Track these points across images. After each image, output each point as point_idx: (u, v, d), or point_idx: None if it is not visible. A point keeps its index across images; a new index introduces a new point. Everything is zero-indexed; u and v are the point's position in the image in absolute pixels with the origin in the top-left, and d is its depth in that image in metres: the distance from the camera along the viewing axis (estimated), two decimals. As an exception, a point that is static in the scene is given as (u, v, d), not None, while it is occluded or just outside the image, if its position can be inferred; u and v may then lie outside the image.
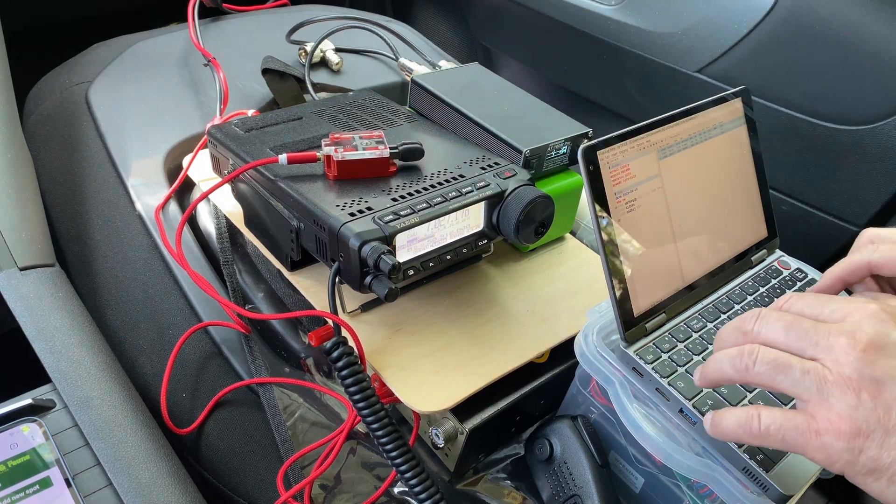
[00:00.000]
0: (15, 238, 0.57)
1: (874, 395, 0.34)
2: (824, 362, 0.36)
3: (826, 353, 0.36)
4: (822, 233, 0.89)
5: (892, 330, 0.36)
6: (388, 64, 0.94)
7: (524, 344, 0.57)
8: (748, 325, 0.40)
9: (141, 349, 0.64)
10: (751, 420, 0.37)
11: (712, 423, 0.40)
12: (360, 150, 0.55)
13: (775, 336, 0.38)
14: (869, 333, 0.35)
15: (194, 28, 0.84)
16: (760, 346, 0.38)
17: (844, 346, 0.35)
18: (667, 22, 0.99)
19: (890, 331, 0.36)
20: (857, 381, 0.35)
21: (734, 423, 0.38)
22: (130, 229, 0.68)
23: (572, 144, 0.62)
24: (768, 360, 0.37)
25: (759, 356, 0.37)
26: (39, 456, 0.45)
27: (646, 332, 0.51)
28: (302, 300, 0.61)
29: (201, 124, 0.75)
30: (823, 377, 0.35)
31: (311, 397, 0.61)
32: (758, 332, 0.39)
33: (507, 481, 0.58)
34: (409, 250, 0.52)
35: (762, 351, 0.38)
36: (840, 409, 0.34)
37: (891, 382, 0.34)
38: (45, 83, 0.83)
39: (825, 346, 0.36)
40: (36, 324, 0.52)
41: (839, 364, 0.35)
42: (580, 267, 0.67)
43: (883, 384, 0.34)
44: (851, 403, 0.34)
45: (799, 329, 0.37)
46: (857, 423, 0.34)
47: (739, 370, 0.38)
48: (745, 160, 0.60)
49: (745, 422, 0.38)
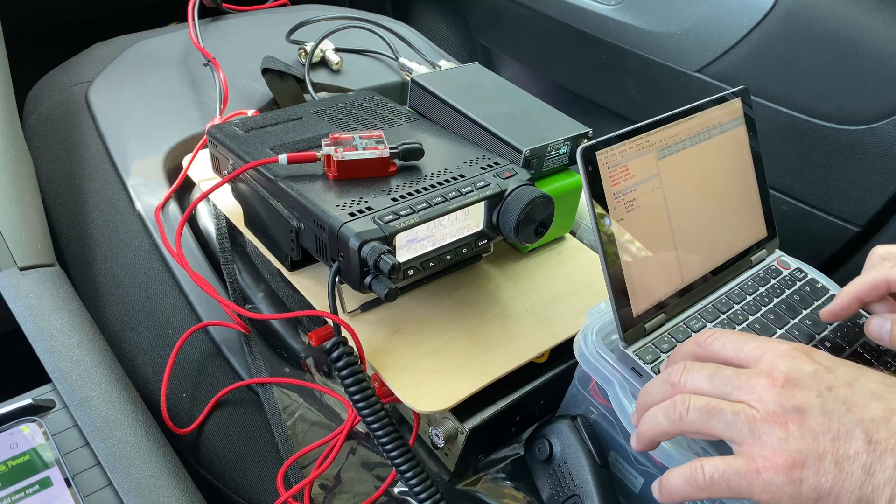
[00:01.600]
0: (15, 238, 0.57)
1: (800, 424, 0.36)
2: (750, 402, 0.38)
3: (749, 394, 0.38)
4: (822, 233, 0.89)
5: (804, 364, 0.38)
6: (388, 64, 0.95)
7: (524, 344, 0.57)
8: (674, 377, 0.41)
9: (141, 349, 0.64)
10: (695, 472, 0.38)
11: (660, 488, 0.40)
12: (360, 150, 0.55)
13: (700, 384, 0.40)
14: (784, 370, 0.38)
15: (194, 28, 0.84)
16: (691, 395, 0.39)
17: (765, 385, 0.38)
18: (667, 22, 0.99)
19: (802, 365, 0.38)
20: (782, 415, 0.36)
21: (680, 479, 0.39)
22: (130, 229, 0.68)
23: (572, 144, 0.62)
24: (700, 406, 0.38)
25: (690, 404, 0.39)
26: (39, 456, 0.45)
27: (645, 333, 0.51)
28: (302, 300, 0.61)
29: (201, 124, 0.75)
30: (752, 416, 0.37)
31: (311, 397, 0.61)
32: (684, 382, 0.41)
33: (507, 481, 0.58)
34: (409, 250, 0.52)
35: (693, 398, 0.39)
36: (773, 445, 0.36)
37: (811, 410, 0.36)
38: (45, 83, 0.83)
39: (747, 388, 0.38)
40: (36, 324, 0.52)
41: (763, 402, 0.37)
42: (580, 267, 0.67)
43: (805, 413, 0.36)
44: (781, 436, 0.36)
45: (722, 376, 0.39)
46: (791, 454, 0.35)
47: (674, 420, 0.39)
48: (744, 160, 0.60)
49: (689, 476, 0.38)
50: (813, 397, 0.37)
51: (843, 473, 0.34)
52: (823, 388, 0.37)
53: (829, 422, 0.36)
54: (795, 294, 0.59)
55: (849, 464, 0.34)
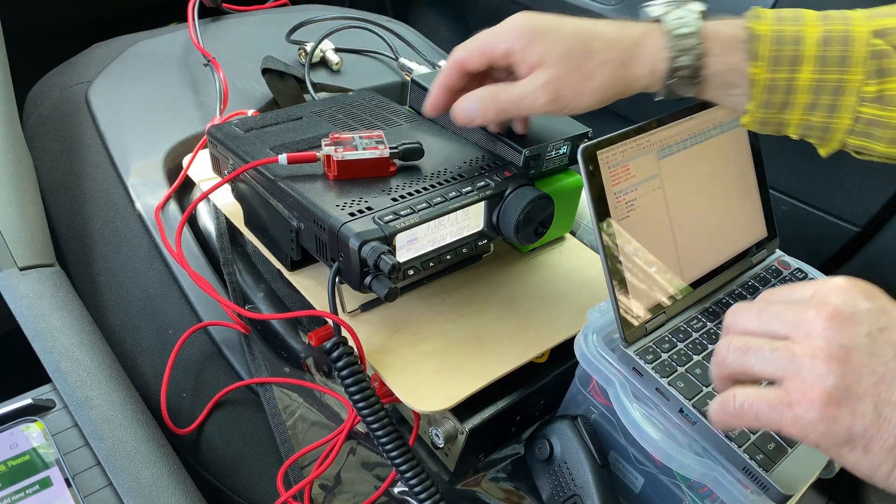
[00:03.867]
0: (15, 238, 0.57)
1: (843, 361, 0.34)
2: (795, 338, 0.36)
3: (796, 329, 0.36)
4: (822, 233, 0.89)
5: (859, 300, 0.36)
6: (388, 64, 0.95)
7: (524, 344, 0.57)
8: (726, 320, 0.40)
9: (141, 349, 0.64)
10: (727, 400, 0.38)
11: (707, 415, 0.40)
12: (360, 150, 0.55)
13: (748, 324, 0.39)
14: (835, 303, 0.36)
15: (194, 28, 0.84)
16: (733, 336, 0.39)
17: (812, 317, 0.36)
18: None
19: (856, 301, 0.36)
20: (827, 350, 0.35)
21: (715, 407, 0.39)
22: (130, 229, 0.68)
23: (572, 144, 0.62)
24: (738, 346, 0.38)
25: (731, 345, 0.38)
26: (39, 456, 0.45)
27: (646, 332, 0.51)
28: (302, 300, 0.61)
29: (201, 124, 0.75)
30: (792, 352, 0.35)
31: (311, 397, 0.61)
32: (734, 324, 0.40)
33: (507, 481, 0.58)
34: (409, 250, 0.52)
35: (734, 339, 0.38)
36: (811, 380, 0.34)
37: (859, 349, 0.34)
38: (45, 83, 0.83)
39: (794, 321, 0.36)
40: (36, 324, 0.52)
41: (809, 336, 0.35)
42: (580, 267, 0.67)
43: (851, 351, 0.34)
44: (821, 372, 0.34)
45: (769, 312, 0.38)
46: (828, 391, 0.34)
47: (718, 364, 0.39)
48: (744, 160, 0.60)
49: (722, 403, 0.38)
50: (862, 336, 0.35)
51: (880, 419, 0.33)
52: (875, 328, 0.35)
53: (874, 364, 0.34)
54: (796, 294, 0.59)
55: (888, 410, 0.33)
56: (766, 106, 0.46)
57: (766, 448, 0.46)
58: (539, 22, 0.49)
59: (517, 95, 0.49)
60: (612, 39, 0.47)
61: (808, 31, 0.44)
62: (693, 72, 0.47)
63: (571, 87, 0.48)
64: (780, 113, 0.46)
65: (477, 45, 0.51)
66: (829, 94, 0.44)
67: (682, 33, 0.46)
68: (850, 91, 0.44)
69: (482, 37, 0.51)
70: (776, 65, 0.44)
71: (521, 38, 0.48)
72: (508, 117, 0.54)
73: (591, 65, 0.47)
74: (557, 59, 0.47)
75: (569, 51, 0.47)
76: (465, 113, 0.52)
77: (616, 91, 0.49)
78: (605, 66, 0.47)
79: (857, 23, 0.44)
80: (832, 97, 0.44)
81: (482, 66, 0.52)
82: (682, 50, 0.46)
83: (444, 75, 0.54)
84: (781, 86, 0.45)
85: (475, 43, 0.51)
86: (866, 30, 0.44)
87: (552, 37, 0.48)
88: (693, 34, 0.46)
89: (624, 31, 0.48)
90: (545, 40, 0.48)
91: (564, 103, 0.49)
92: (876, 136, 0.45)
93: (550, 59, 0.47)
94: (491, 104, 0.51)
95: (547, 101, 0.48)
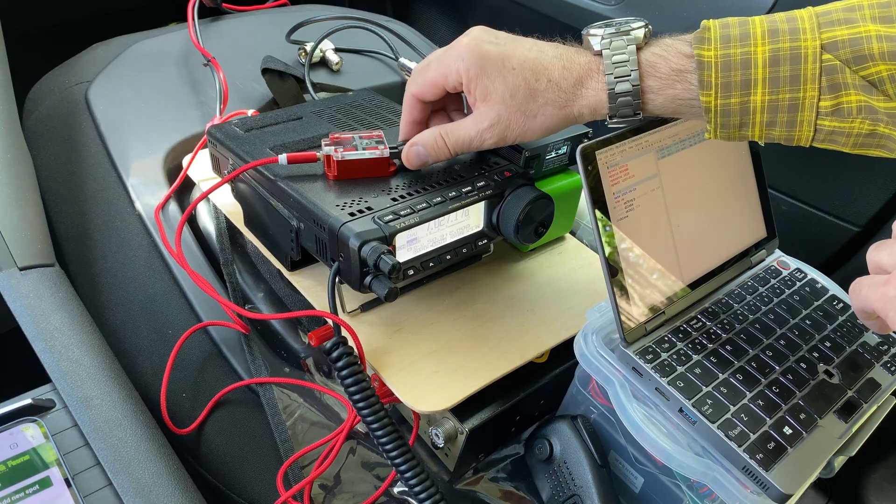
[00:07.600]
0: (15, 238, 0.57)
1: None
2: None
3: None
4: (822, 233, 0.88)
5: None
6: (388, 64, 0.95)
7: (524, 344, 0.57)
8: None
9: (141, 349, 0.64)
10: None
11: None
12: (360, 150, 0.55)
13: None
14: None
15: (194, 28, 0.84)
16: None
17: None
18: (667, 22, 0.99)
19: None
20: None
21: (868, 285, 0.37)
22: (130, 229, 0.68)
23: (572, 144, 0.62)
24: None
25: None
26: (39, 456, 0.45)
27: (645, 332, 0.51)
28: (302, 300, 0.61)
29: (201, 124, 0.75)
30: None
31: (311, 397, 0.61)
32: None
33: (507, 481, 0.59)
34: (409, 250, 0.52)
35: None
36: None
37: None
38: (45, 83, 0.83)
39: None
40: (36, 324, 0.52)
41: None
42: (580, 267, 0.67)
43: None
44: None
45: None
46: None
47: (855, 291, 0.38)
48: (744, 160, 0.60)
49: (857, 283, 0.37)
50: None
51: None
52: None
53: None
54: (795, 294, 0.59)
55: None
56: (724, 126, 0.45)
57: (766, 447, 0.46)
58: (487, 49, 0.49)
59: (466, 139, 0.52)
60: (554, 79, 0.48)
61: (757, 50, 0.44)
62: (634, 109, 0.47)
63: (516, 126, 0.49)
64: (739, 130, 0.46)
65: (429, 77, 0.52)
66: (785, 111, 0.44)
67: (620, 74, 0.46)
68: (806, 107, 0.44)
69: (433, 66, 0.52)
70: (727, 90, 0.44)
71: (469, 70, 0.49)
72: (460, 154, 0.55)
73: (535, 106, 0.48)
74: (502, 98, 0.49)
75: (513, 91, 0.48)
76: (417, 158, 0.54)
77: (562, 126, 0.50)
78: (547, 106, 0.48)
79: (806, 34, 0.43)
80: (789, 114, 0.44)
81: (437, 96, 0.54)
82: (621, 92, 0.46)
83: (406, 112, 0.56)
84: (736, 109, 0.45)
85: (427, 74, 0.52)
86: (815, 44, 0.43)
87: (498, 71, 0.48)
88: (630, 75, 0.46)
89: (568, 69, 0.48)
90: (491, 75, 0.49)
91: (512, 139, 0.51)
92: (840, 142, 0.45)
93: (496, 96, 0.49)
94: (443, 148, 0.53)
95: (494, 142, 0.51)
